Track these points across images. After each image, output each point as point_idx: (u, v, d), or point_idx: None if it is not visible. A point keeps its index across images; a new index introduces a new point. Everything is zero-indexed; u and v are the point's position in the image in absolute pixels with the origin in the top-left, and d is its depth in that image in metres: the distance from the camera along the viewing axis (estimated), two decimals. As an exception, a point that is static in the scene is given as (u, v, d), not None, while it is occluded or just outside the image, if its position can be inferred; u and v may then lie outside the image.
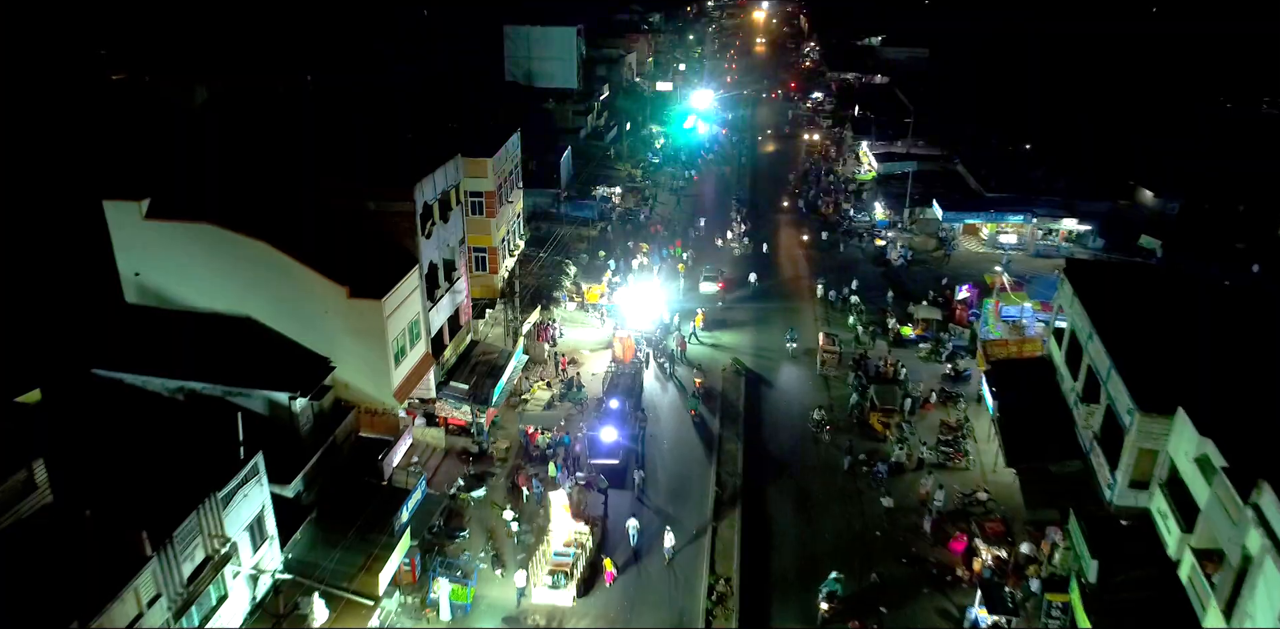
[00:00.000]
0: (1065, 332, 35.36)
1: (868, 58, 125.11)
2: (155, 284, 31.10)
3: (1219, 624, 21.89)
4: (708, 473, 35.56)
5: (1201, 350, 28.34)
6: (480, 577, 29.50)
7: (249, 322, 30.91)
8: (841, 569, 29.52)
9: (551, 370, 43.13)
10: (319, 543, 26.64)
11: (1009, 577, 29.30)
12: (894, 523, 32.84)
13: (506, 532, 31.74)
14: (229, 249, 30.14)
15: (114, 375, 28.94)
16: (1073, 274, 36.33)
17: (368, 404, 31.96)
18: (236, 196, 31.74)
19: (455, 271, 37.88)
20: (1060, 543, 29.02)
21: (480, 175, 40.79)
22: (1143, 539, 26.55)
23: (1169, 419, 25.88)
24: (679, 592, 29.32)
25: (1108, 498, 28.36)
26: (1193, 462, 24.47)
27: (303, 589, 24.38)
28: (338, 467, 29.86)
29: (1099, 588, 25.10)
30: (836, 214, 68.32)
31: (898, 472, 35.75)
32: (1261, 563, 19.88)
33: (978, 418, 38.93)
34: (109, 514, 19.40)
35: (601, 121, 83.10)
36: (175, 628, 20.21)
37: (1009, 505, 32.73)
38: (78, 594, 17.71)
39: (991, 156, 74.64)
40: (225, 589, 22.53)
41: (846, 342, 45.91)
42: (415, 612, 28.08)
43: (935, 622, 28.37)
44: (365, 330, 30.76)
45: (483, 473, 35.01)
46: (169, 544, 19.83)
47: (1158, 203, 64.70)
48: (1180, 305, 32.42)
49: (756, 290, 53.94)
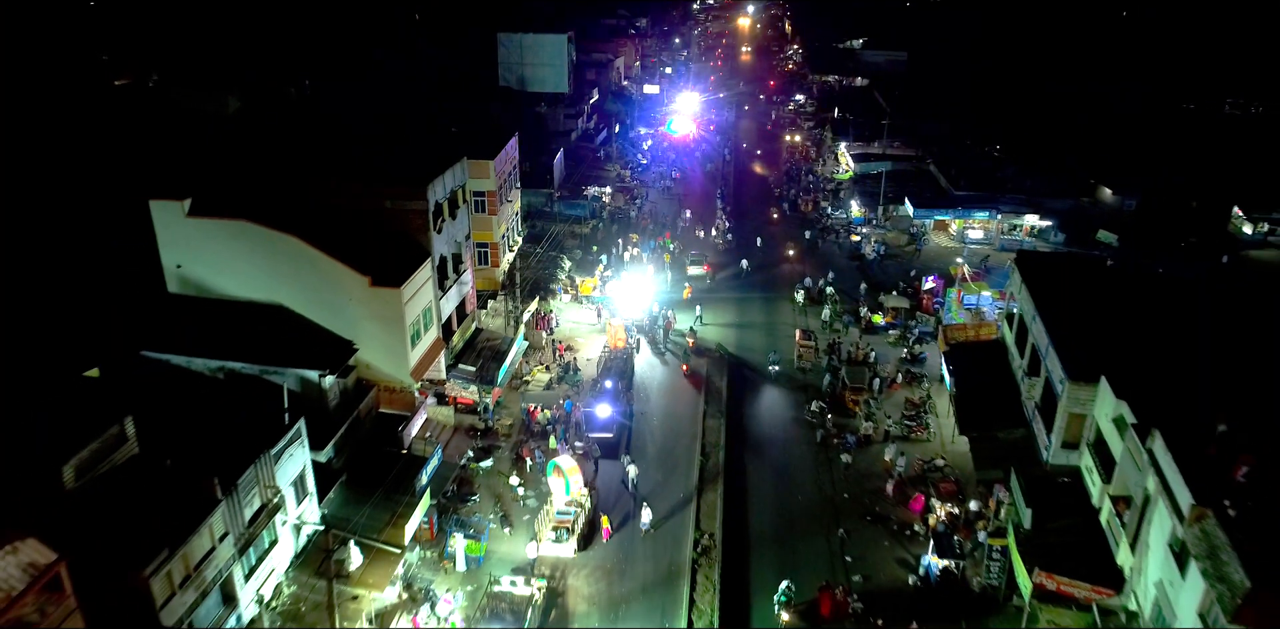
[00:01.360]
0: (1015, 315, 39.24)
1: (848, 61, 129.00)
2: (195, 275, 34.55)
3: (1128, 557, 25.74)
4: (694, 445, 39.22)
5: (1125, 329, 32.17)
6: (490, 534, 33.05)
7: (280, 309, 34.38)
8: (813, 525, 33.28)
9: (549, 355, 46.69)
10: (350, 501, 30.18)
11: (960, 530, 33.07)
12: (860, 486, 36.62)
13: (513, 496, 35.35)
14: (262, 243, 33.60)
15: (161, 357, 32.37)
16: (1022, 264, 40.16)
17: (387, 382, 35.49)
18: (268, 196, 35.22)
19: (462, 264, 41.42)
20: (1005, 500, 32.78)
21: (483, 176, 44.42)
22: (1072, 493, 30.39)
23: (1094, 387, 29.67)
24: (669, 546, 32.97)
25: (1045, 458, 32.17)
26: (1111, 422, 28.29)
27: (339, 539, 27.85)
28: (362, 437, 33.41)
29: (1032, 533, 28.87)
30: (815, 212, 72.17)
31: (865, 443, 39.50)
32: (1156, 500, 23.70)
33: (939, 396, 42.70)
34: (184, 465, 22.94)
35: (591, 124, 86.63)
36: (239, 563, 23.76)
37: (963, 470, 36.53)
38: (165, 528, 21.20)
39: (962, 157, 78.58)
40: (276, 535, 26.08)
41: (821, 330, 49.70)
42: (434, 564, 31.64)
43: (895, 570, 32.12)
44: (385, 316, 34.27)
45: (489, 446, 38.59)
46: (234, 490, 23.36)
47: (1116, 200, 68.87)
48: (1112, 291, 36.27)
49: (745, 275, 58.64)
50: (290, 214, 34.50)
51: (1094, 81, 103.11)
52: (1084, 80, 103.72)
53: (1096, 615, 25.48)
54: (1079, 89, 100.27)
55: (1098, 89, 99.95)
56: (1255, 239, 65.10)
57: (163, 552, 20.49)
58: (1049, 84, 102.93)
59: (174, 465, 22.72)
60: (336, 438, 31.53)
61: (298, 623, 25.45)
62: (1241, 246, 63.87)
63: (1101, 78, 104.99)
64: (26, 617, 16.26)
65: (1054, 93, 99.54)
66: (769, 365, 45.75)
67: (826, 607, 30.06)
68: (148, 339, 32.45)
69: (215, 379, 32.37)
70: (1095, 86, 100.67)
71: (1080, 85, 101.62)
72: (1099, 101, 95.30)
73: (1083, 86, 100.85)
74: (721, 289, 56.32)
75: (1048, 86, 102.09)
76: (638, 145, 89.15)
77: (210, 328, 33.36)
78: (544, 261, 53.95)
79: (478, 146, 45.02)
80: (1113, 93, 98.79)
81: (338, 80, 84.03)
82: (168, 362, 32.22)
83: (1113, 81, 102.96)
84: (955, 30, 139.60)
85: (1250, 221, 65.35)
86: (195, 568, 21.74)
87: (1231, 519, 19.84)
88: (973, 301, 47.66)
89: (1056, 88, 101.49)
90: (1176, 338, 31.71)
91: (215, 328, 33.37)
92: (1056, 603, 26.30)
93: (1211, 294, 36.87)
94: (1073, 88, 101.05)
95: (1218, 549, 19.44)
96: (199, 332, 33.14)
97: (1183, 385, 27.90)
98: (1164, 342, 31.47)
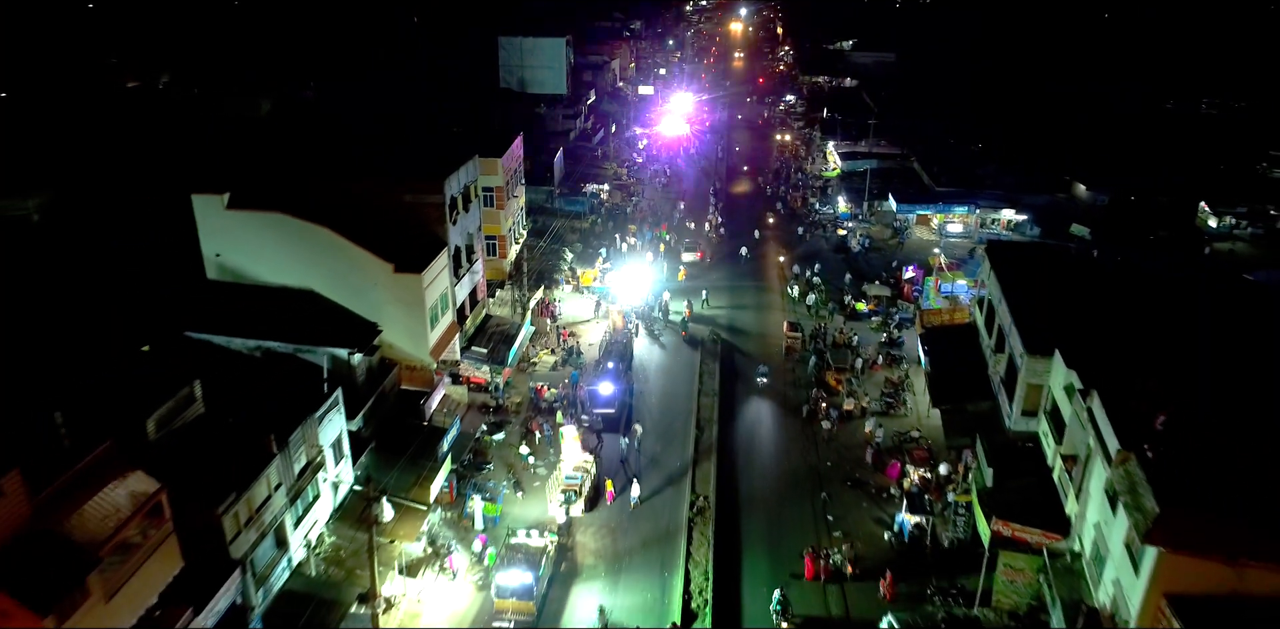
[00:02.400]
0: (986, 300, 42.59)
1: (837, 62, 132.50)
2: (233, 263, 37.73)
3: (1074, 506, 29.09)
4: (689, 420, 42.50)
5: (1079, 309, 35.50)
6: (505, 498, 36.28)
7: (311, 293, 37.55)
8: (798, 489, 36.60)
9: (554, 340, 49.92)
10: (379, 465, 33.38)
11: (931, 492, 36.38)
12: (841, 456, 39.95)
13: (523, 465, 38.60)
14: (295, 233, 36.78)
15: (203, 337, 35.51)
16: (992, 252, 43.60)
17: (407, 361, 38.69)
18: (299, 190, 38.39)
19: (474, 254, 44.64)
20: (971, 464, 36.13)
21: (492, 173, 47.64)
22: (1030, 456, 33.73)
23: (1049, 359, 33.03)
24: (668, 507, 36.25)
25: (1007, 426, 35.53)
26: (1063, 390, 31.63)
27: (376, 490, 31.02)
28: (387, 411, 36.61)
29: (992, 490, 32.21)
30: (804, 207, 75.54)
31: (847, 418, 42.82)
32: (1095, 453, 27.05)
33: (916, 376, 46.02)
34: (244, 424, 26.14)
35: (589, 124, 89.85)
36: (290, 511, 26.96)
37: (935, 440, 39.86)
38: (231, 475, 24.40)
39: (945, 154, 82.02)
40: (319, 490, 29.29)
41: (809, 314, 53.21)
42: (454, 523, 34.86)
43: (872, 527, 35.42)
44: (406, 300, 37.50)
45: (501, 421, 41.83)
46: (286, 446, 26.57)
47: (1089, 196, 72.35)
48: (1070, 276, 39.67)
49: (745, 262, 62.74)
50: (319, 206, 37.68)
51: (1092, 81, 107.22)
52: (1080, 80, 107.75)
53: (1046, 558, 28.78)
54: (1076, 88, 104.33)
55: (1096, 89, 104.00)
56: (1221, 232, 68.54)
57: (231, 494, 23.69)
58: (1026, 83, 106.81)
59: (235, 424, 25.91)
60: (365, 410, 34.67)
61: (340, 567, 28.66)
62: (1208, 239, 67.36)
63: (1085, 77, 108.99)
64: (131, 538, 19.40)
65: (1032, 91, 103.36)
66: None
67: (810, 570, 33.23)
68: (191, 321, 35.60)
69: (253, 357, 35.58)
70: (1094, 86, 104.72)
71: (1078, 85, 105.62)
72: (1097, 101, 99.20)
73: (1081, 86, 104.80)
74: (717, 279, 59.66)
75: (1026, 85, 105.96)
76: (634, 145, 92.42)
77: (247, 311, 36.49)
78: (547, 254, 57.23)
79: (487, 145, 48.24)
80: (1112, 92, 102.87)
81: (345, 82, 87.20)
82: (210, 341, 35.37)
83: (1108, 81, 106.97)
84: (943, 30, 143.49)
85: (1216, 216, 68.81)
86: (256, 511, 24.95)
87: (1149, 460, 23.16)
88: (949, 289, 51.05)
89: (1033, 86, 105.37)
90: (1124, 316, 35.02)
91: (252, 311, 36.48)
92: (1012, 548, 29.60)
93: (1159, 279, 40.25)
94: (1070, 87, 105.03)
95: (1137, 484, 22.77)
96: (237, 314, 36.30)
97: (1124, 356, 31.21)
98: (1113, 319, 34.74)
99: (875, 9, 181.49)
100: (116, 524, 18.69)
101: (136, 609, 18.95)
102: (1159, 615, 21.52)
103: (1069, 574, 27.84)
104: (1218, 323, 33.94)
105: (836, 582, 32.53)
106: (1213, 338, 32.24)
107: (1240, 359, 30.17)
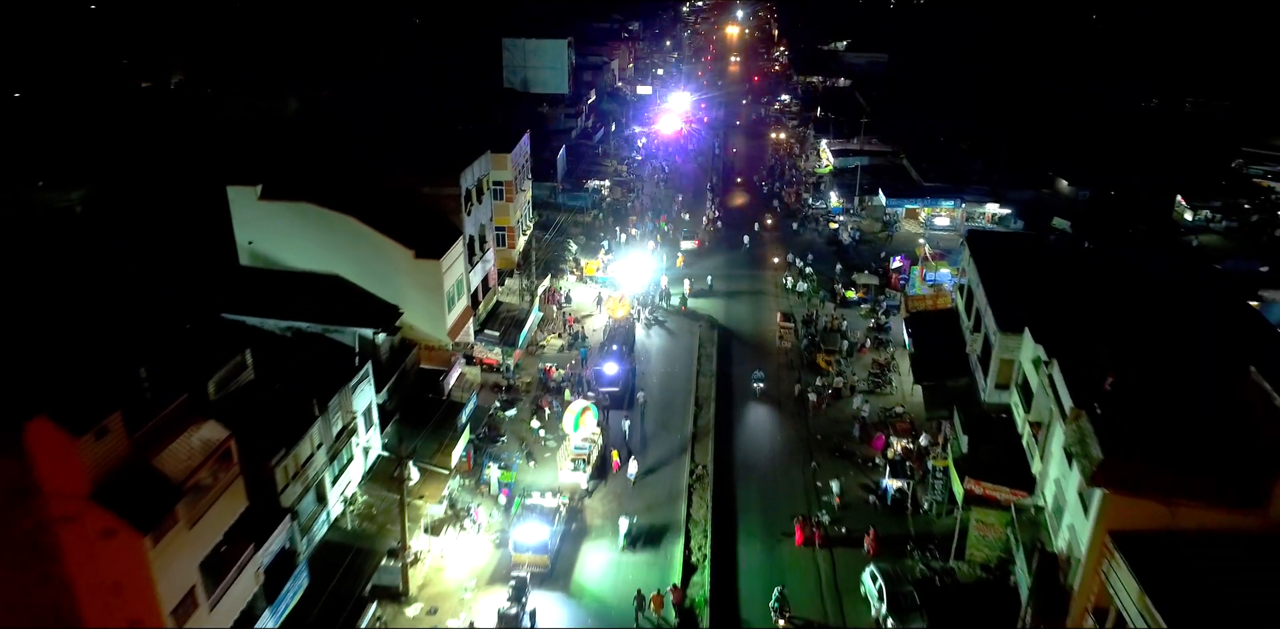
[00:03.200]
0: (966, 287, 45.52)
1: (831, 62, 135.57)
2: (264, 250, 40.56)
3: (1039, 466, 32.02)
4: (688, 398, 45.40)
5: (1049, 291, 38.44)
6: (518, 467, 39.14)
7: (336, 278, 40.36)
8: (790, 459, 39.50)
9: (560, 325, 52.80)
10: (403, 435, 36.21)
11: (913, 460, 39.33)
12: (831, 429, 42.89)
13: (534, 438, 41.48)
14: (322, 222, 39.60)
15: (238, 318, 38.32)
16: (972, 241, 46.53)
17: (426, 341, 41.54)
18: (325, 182, 41.25)
19: (486, 244, 47.52)
20: (950, 434, 39.07)
21: (502, 168, 50.50)
22: (1002, 425, 36.64)
23: (1019, 336, 35.95)
24: (669, 475, 39.15)
25: (982, 399, 38.47)
26: (1032, 363, 34.56)
27: (406, 453, 33.86)
28: (408, 387, 39.45)
29: (967, 455, 35.15)
30: (798, 202, 78.53)
31: (836, 397, 45.74)
32: (1055, 417, 29.97)
33: (901, 358, 48.96)
34: (287, 391, 28.99)
35: (589, 123, 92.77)
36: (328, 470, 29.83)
37: (917, 415, 42.79)
38: (280, 433, 27.23)
39: (933, 152, 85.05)
40: (351, 453, 32.16)
41: (801, 299, 56.40)
42: (472, 489, 37.72)
43: (858, 492, 38.34)
44: (426, 284, 40.35)
45: (512, 399, 44.69)
46: (326, 410, 29.43)
47: (1071, 191, 75.40)
48: (1042, 263, 42.67)
49: (747, 250, 66.38)
50: (344, 197, 40.51)
51: (1092, 81, 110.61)
52: (1080, 80, 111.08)
53: (1014, 513, 31.71)
54: (1076, 88, 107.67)
55: (1097, 88, 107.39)
56: (1196, 225, 71.61)
57: (281, 449, 26.55)
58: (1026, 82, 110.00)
59: (281, 390, 28.76)
60: (389, 385, 37.54)
61: (371, 523, 31.54)
62: (1184, 232, 70.42)
63: (1085, 77, 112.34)
64: (203, 481, 22.21)
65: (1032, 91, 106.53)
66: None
67: (800, 536, 36.07)
68: (226, 303, 38.41)
69: (284, 337, 38.40)
70: (1094, 86, 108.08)
71: (1078, 85, 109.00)
72: (1097, 101, 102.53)
73: (1081, 86, 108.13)
74: (714, 266, 62.69)
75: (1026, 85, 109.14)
76: (633, 143, 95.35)
77: (278, 294, 39.32)
78: (552, 246, 60.14)
79: (496, 142, 51.09)
80: (1113, 92, 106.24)
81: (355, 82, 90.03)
82: (243, 322, 38.20)
83: (1108, 81, 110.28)
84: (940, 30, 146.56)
85: (1191, 209, 71.88)
86: (301, 466, 27.81)
87: (1098, 416, 26.09)
88: (933, 277, 54.02)
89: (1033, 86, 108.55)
90: (1089, 298, 37.98)
91: (282, 294, 39.32)
92: (983, 505, 32.54)
93: (1124, 265, 43.29)
94: (1070, 87, 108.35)
95: (1086, 437, 25.68)
96: (269, 297, 39.10)
97: (1086, 332, 34.12)
98: (1079, 301, 37.70)
99: (870, 10, 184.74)
100: (195, 463, 21.53)
101: (211, 539, 21.79)
102: (1104, 550, 24.43)
103: (1033, 526, 30.73)
104: (1172, 303, 37.01)
105: (825, 547, 35.32)
106: (1166, 316, 35.31)
107: (1187, 332, 33.23)
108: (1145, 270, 43.03)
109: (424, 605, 31.24)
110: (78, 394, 19.37)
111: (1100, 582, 24.64)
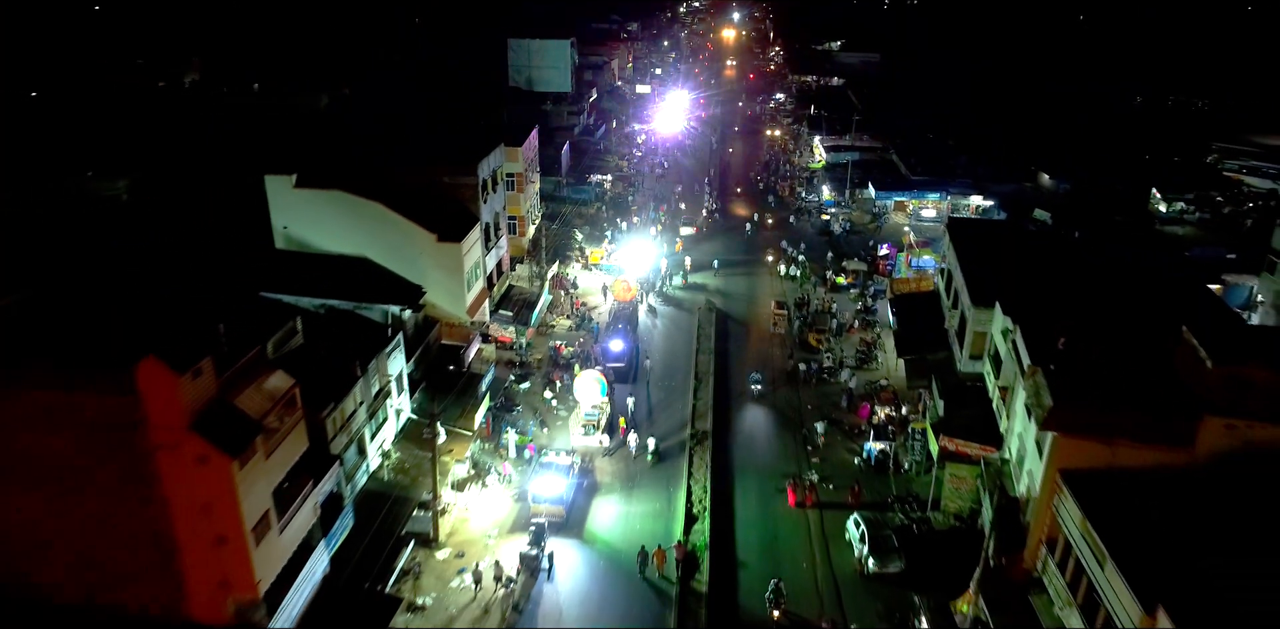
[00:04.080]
0: (947, 271, 49.08)
1: (825, 62, 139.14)
2: (298, 234, 43.99)
3: (1006, 424, 35.57)
4: (689, 373, 48.94)
5: (1019, 271, 41.99)
6: (533, 433, 42.65)
7: (365, 260, 43.80)
8: (782, 425, 43.02)
9: (568, 308, 56.30)
10: (431, 399, 39.65)
11: (896, 426, 42.89)
12: (820, 400, 46.43)
13: (547, 408, 44.99)
14: (352, 208, 42.98)
15: (275, 296, 41.72)
16: (952, 227, 50.17)
17: (447, 319, 44.97)
18: (354, 171, 44.69)
19: (499, 231, 50.98)
20: (929, 403, 42.61)
21: (513, 160, 53.96)
22: (976, 392, 40.19)
23: (991, 310, 39.52)
24: (673, 442, 42.65)
25: (958, 369, 42.04)
26: (1001, 334, 38.12)
27: (426, 425, 37.38)
28: (432, 359, 42.93)
29: (943, 418, 38.70)
30: (791, 196, 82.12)
31: (827, 372, 49.29)
32: (1018, 378, 33.52)
33: (887, 337, 52.54)
34: (331, 353, 32.46)
35: (591, 120, 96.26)
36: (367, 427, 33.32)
37: (900, 388, 46.35)
38: (329, 390, 30.68)
39: (922, 147, 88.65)
40: (386, 414, 35.62)
41: (794, 284, 60.11)
42: (491, 452, 41.22)
43: (844, 455, 41.91)
44: (447, 265, 43.74)
45: (525, 374, 48.21)
46: (366, 372, 32.90)
47: (1053, 184, 79.02)
48: (1014, 246, 46.27)
49: (749, 236, 70.96)
50: (371, 185, 43.95)
51: (1091, 81, 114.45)
52: (1079, 80, 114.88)
53: (983, 467, 35.27)
54: (1075, 88, 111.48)
55: (1096, 88, 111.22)
56: (1171, 216, 75.20)
57: (330, 403, 30.03)
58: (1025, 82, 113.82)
59: (326, 354, 32.23)
60: (415, 356, 41.01)
61: (405, 475, 35.03)
62: (1159, 223, 74.02)
63: (1085, 77, 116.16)
64: (270, 424, 25.64)
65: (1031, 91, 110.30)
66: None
67: (792, 497, 39.55)
68: (264, 283, 41.80)
69: (317, 314, 41.82)
70: (1093, 86, 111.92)
71: (1077, 85, 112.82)
72: (1096, 101, 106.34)
73: (1081, 86, 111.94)
74: (714, 253, 66.40)
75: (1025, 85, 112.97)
76: (632, 139, 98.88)
77: (311, 274, 42.73)
78: (559, 236, 63.66)
79: (508, 136, 54.56)
80: (1112, 92, 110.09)
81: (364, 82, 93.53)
82: (280, 300, 41.61)
83: (1107, 81, 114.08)
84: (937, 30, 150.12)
85: (1166, 201, 75.48)
86: (346, 420, 31.28)
87: (1051, 372, 29.65)
88: (917, 263, 57.60)
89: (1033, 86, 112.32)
90: (1056, 277, 41.58)
91: (315, 274, 42.73)
92: (956, 461, 36.11)
93: (1091, 249, 46.92)
94: (1070, 87, 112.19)
95: (1040, 389, 29.23)
96: (304, 277, 42.48)
97: (1050, 306, 37.69)
98: (1046, 279, 41.29)
99: (863, 11, 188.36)
100: (268, 406, 24.97)
101: (281, 471, 25.25)
102: (1055, 487, 27.97)
103: (999, 476, 34.30)
104: (1131, 282, 40.65)
105: (815, 508, 38.68)
106: (1124, 293, 38.95)
107: (1140, 306, 36.86)
108: (1112, 255, 46.64)
109: (452, 550, 34.79)
110: (176, 341, 22.81)
111: (1051, 515, 28.20)
